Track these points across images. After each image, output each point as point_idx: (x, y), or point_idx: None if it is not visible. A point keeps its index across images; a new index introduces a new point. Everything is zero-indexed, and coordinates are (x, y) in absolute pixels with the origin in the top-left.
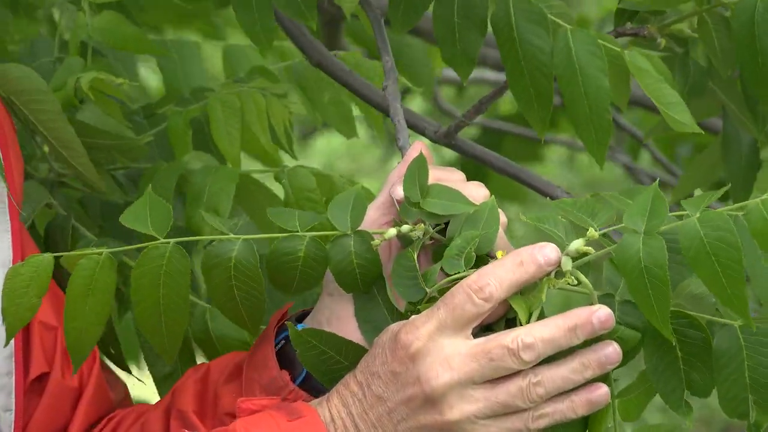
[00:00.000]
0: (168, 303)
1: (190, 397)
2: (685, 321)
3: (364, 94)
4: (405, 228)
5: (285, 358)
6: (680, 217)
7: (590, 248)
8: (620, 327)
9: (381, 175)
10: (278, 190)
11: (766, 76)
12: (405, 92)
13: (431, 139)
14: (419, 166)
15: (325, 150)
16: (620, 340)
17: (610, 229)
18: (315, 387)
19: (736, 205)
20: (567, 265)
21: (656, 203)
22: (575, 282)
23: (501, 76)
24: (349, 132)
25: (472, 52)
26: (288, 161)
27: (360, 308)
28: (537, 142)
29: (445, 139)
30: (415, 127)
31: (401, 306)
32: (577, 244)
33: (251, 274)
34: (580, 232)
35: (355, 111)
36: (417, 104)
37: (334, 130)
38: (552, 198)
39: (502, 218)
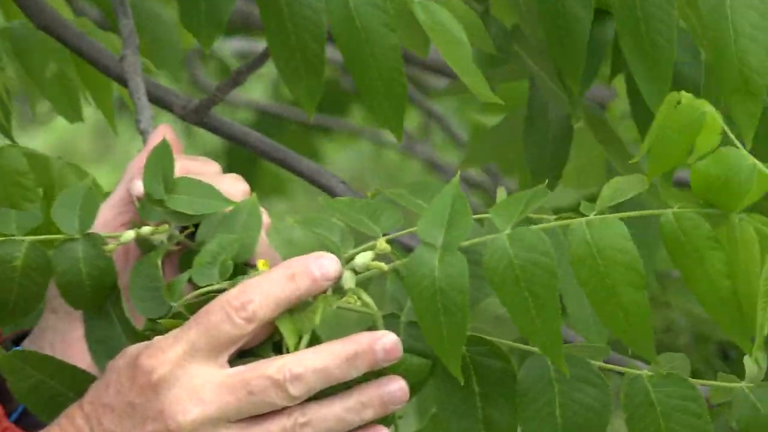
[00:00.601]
0: None
1: None
2: (484, 348)
3: (100, 64)
4: (145, 230)
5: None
6: (481, 221)
7: (381, 264)
8: (407, 356)
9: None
10: None
11: (570, 45)
12: None
13: (179, 116)
14: (163, 155)
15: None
16: (408, 372)
17: (399, 234)
18: (37, 423)
19: (559, 222)
20: (349, 282)
21: (457, 207)
22: (358, 302)
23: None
24: (73, 115)
25: (219, 14)
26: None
27: (91, 327)
28: (325, 132)
29: (195, 116)
30: (160, 101)
31: (140, 324)
32: (364, 258)
33: None
34: (360, 238)
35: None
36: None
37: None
38: (331, 193)
39: (265, 219)
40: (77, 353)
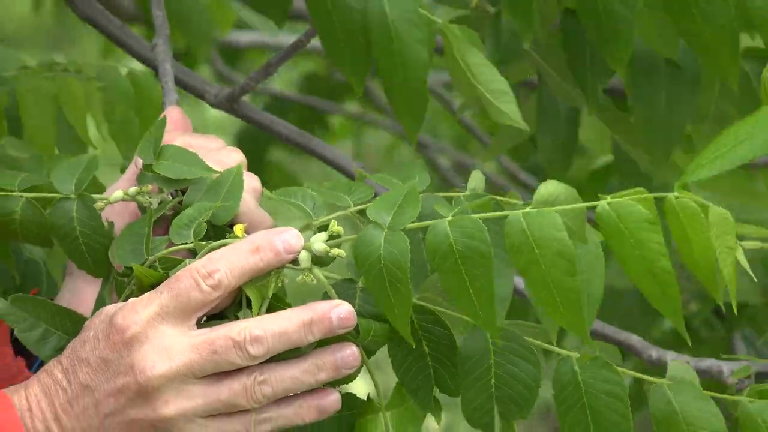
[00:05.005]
0: None
1: None
2: (430, 317)
3: (135, 52)
4: (131, 190)
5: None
6: (449, 200)
7: (342, 252)
8: (373, 323)
9: None
10: None
11: (612, 36)
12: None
13: (212, 105)
14: (157, 128)
15: None
16: (374, 338)
17: (363, 206)
18: None
19: (498, 213)
20: (305, 261)
21: (409, 197)
22: (312, 279)
23: (282, 40)
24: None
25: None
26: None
27: (101, 290)
28: (325, 114)
29: (227, 104)
30: (193, 89)
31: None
32: (319, 241)
33: None
34: (333, 208)
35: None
36: (203, 69)
37: None
38: (350, 176)
39: (255, 184)
40: (87, 312)
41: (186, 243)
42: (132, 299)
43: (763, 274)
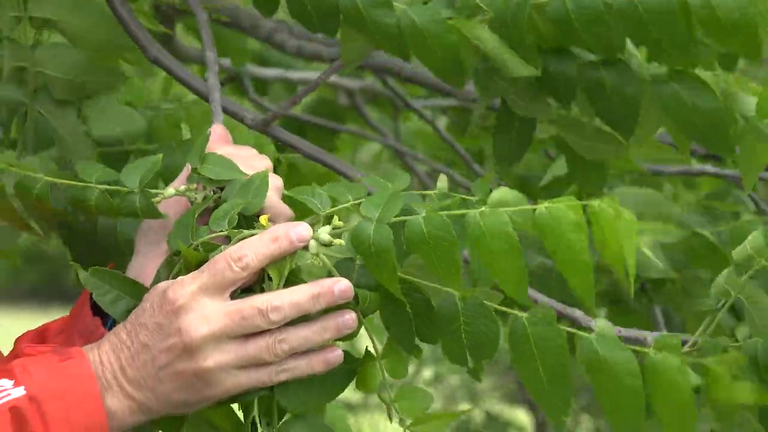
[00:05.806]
0: None
1: (24, 352)
2: (410, 285)
3: (192, 86)
4: (181, 188)
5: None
6: (423, 197)
7: (341, 241)
8: (368, 293)
9: None
10: None
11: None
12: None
13: (249, 127)
14: (203, 141)
15: None
16: (369, 304)
17: (358, 201)
18: None
19: (461, 211)
20: (314, 249)
21: (392, 198)
22: (320, 263)
23: (302, 75)
24: None
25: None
26: None
27: (157, 272)
28: (333, 132)
29: (261, 126)
30: (235, 115)
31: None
32: (325, 233)
33: (50, 208)
34: (336, 202)
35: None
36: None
37: None
38: (352, 180)
39: (278, 184)
40: (147, 282)
41: (222, 231)
42: (180, 277)
43: (677, 255)
